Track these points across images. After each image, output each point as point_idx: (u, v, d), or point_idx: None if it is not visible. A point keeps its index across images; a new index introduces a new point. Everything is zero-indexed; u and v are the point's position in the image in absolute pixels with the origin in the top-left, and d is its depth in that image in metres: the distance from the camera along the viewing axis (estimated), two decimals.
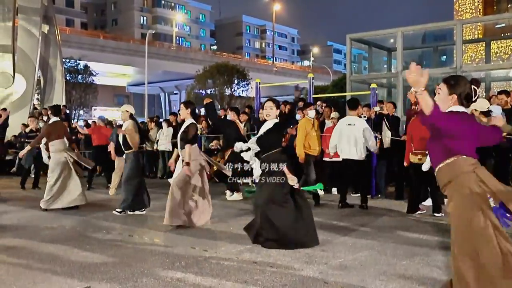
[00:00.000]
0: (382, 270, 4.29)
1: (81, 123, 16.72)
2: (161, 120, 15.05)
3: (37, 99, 19.96)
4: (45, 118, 14.36)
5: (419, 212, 7.02)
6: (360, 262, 4.57)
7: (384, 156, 8.77)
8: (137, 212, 7.34)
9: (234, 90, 35.60)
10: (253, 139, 5.40)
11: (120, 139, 7.44)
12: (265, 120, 5.43)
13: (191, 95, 36.96)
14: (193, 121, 6.42)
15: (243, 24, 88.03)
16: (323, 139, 8.64)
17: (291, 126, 9.07)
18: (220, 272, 4.27)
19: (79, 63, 34.05)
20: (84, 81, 33.98)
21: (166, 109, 55.83)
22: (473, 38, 33.89)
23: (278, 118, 5.30)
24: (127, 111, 7.55)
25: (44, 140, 9.04)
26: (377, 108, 9.21)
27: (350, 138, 7.46)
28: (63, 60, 22.03)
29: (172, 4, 74.30)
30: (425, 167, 6.31)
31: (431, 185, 6.96)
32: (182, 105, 6.57)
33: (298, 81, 37.20)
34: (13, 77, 17.14)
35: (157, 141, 12.76)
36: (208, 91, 35.88)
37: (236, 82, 35.61)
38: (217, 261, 4.62)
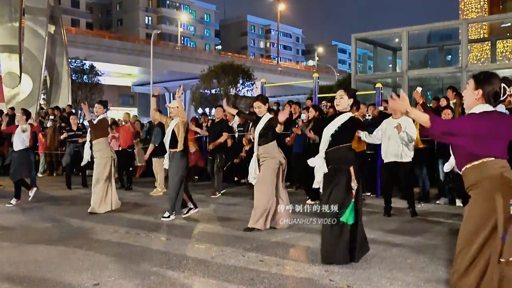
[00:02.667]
0: (388, 268, 4.31)
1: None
2: None
3: (43, 99, 20.07)
4: (51, 117, 14.45)
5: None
6: (366, 260, 4.59)
7: None
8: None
9: (239, 90, 35.64)
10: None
11: (169, 136, 6.89)
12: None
13: (196, 95, 37.06)
14: (271, 115, 6.11)
15: (248, 24, 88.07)
16: None
17: (296, 126, 9.11)
18: (226, 271, 4.31)
19: (85, 63, 34.21)
20: (90, 81, 34.12)
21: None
22: (479, 37, 33.79)
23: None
24: (177, 107, 6.98)
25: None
26: (381, 108, 9.23)
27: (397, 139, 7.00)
28: (69, 60, 22.13)
29: (177, 4, 74.45)
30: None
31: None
32: (259, 102, 6.11)
33: (303, 81, 37.19)
34: (20, 77, 17.25)
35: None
36: (213, 91, 35.96)
37: (241, 82, 35.65)
38: (223, 260, 4.66)
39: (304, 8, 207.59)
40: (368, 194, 9.04)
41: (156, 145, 9.41)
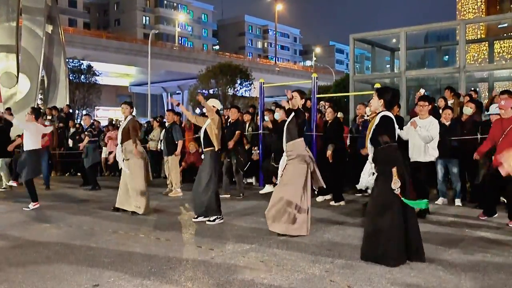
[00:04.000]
0: (388, 269, 4.30)
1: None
2: (164, 120, 15.06)
3: (41, 99, 20.01)
4: (49, 117, 14.41)
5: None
6: (366, 261, 4.59)
7: None
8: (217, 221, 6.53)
9: (237, 90, 35.61)
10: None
11: (202, 135, 6.67)
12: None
13: (194, 95, 37.01)
14: (298, 109, 5.75)
15: (246, 24, 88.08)
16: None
17: None
18: (226, 271, 4.30)
19: (82, 63, 34.13)
20: (87, 81, 34.05)
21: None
22: (476, 38, 33.89)
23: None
24: (213, 107, 6.70)
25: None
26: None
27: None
28: (67, 60, 22.06)
29: (175, 4, 74.41)
30: None
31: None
32: (296, 92, 5.75)
33: (300, 81, 37.19)
34: (17, 77, 17.18)
35: (161, 141, 12.80)
36: (211, 91, 35.92)
37: (239, 82, 35.64)
38: (223, 260, 4.65)
39: (302, 9, 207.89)
40: (367, 194, 9.03)
41: (177, 142, 9.49)
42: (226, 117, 12.06)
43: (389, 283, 3.95)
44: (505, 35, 27.66)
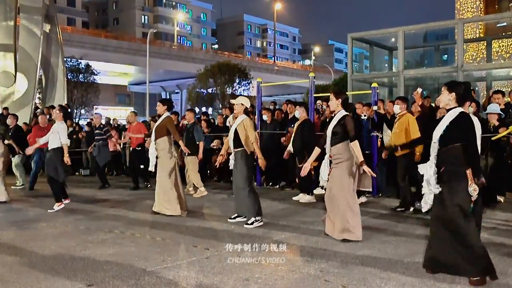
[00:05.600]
0: (383, 269, 4.31)
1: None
2: None
3: (39, 98, 19.98)
4: (47, 116, 14.36)
5: None
6: (361, 260, 4.60)
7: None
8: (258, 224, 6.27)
9: (236, 89, 35.64)
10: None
11: (232, 135, 6.43)
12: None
13: (193, 95, 37.03)
14: (346, 113, 5.51)
15: (244, 23, 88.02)
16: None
17: (292, 126, 9.09)
18: (221, 270, 4.30)
19: (80, 62, 34.11)
20: (86, 80, 34.03)
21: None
22: (474, 37, 33.85)
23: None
24: (242, 104, 6.45)
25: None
26: (375, 107, 9.19)
27: None
28: (65, 59, 22.04)
29: (174, 3, 74.34)
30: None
31: None
32: (332, 94, 5.63)
33: (299, 80, 37.18)
34: (15, 76, 17.16)
35: None
36: (210, 91, 35.94)
37: (237, 81, 35.66)
38: (218, 259, 4.65)
39: (301, 8, 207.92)
40: (368, 195, 9.01)
41: (197, 142, 9.39)
42: (224, 116, 12.10)
43: (383, 282, 3.95)
44: (503, 34, 27.59)
